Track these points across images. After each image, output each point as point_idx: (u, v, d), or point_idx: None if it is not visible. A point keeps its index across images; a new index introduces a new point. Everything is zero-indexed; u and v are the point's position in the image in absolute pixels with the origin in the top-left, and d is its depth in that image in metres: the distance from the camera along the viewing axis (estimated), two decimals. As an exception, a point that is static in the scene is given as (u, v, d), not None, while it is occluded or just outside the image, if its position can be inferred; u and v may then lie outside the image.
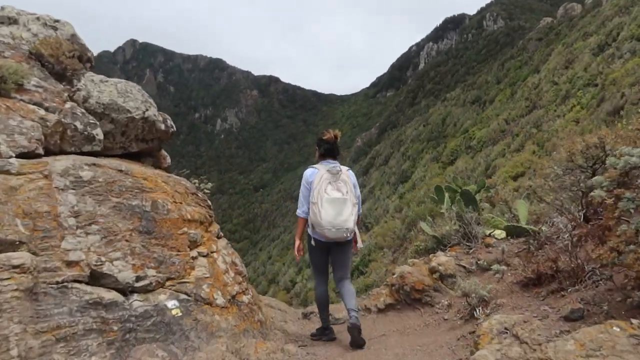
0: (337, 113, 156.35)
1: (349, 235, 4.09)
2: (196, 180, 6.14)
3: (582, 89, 25.00)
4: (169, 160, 5.24)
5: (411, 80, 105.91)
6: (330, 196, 4.02)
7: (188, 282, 3.53)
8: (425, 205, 25.62)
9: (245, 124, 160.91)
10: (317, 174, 4.14)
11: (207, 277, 3.69)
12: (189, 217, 3.85)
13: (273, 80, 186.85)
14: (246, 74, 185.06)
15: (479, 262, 5.10)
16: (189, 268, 3.60)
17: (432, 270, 5.14)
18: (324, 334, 4.51)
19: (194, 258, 3.71)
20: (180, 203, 3.87)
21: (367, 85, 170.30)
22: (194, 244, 3.79)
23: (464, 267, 5.18)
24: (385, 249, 25.52)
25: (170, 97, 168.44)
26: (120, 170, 3.62)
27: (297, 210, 4.30)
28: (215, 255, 4.00)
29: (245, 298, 4.06)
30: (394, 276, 5.32)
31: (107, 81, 4.36)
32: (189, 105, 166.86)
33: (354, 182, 4.26)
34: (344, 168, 4.29)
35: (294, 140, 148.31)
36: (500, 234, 5.65)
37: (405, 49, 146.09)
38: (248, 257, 74.81)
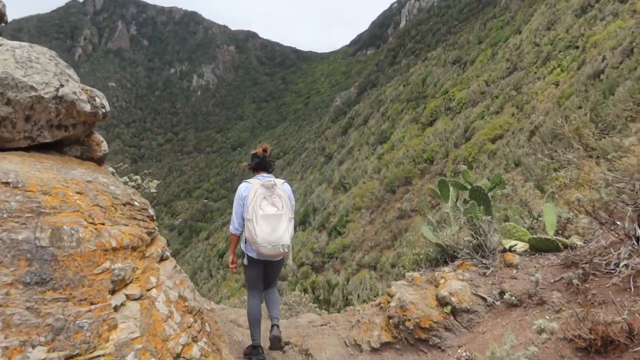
0: (317, 71, 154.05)
1: (285, 250, 3.92)
2: (137, 178, 5.31)
3: (563, 51, 24.85)
4: (104, 146, 3.90)
5: (392, 39, 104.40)
6: (265, 212, 3.87)
7: (103, 356, 2.23)
8: (404, 168, 25.66)
9: (222, 80, 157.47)
10: (251, 189, 3.98)
11: (137, 338, 2.45)
12: (115, 243, 2.62)
13: (251, 36, 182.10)
14: (223, 29, 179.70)
15: (503, 293, 3.94)
16: (107, 329, 2.32)
17: (442, 301, 4.10)
18: (253, 353, 4.24)
19: (117, 308, 2.48)
20: (102, 224, 2.65)
21: (348, 42, 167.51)
22: (120, 284, 2.57)
23: (484, 298, 4.03)
24: (363, 209, 25.63)
25: (144, 51, 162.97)
26: (6, 183, 2.36)
27: (230, 227, 4.14)
28: (153, 293, 2.78)
29: (195, 351, 2.86)
30: (392, 304, 4.35)
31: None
32: (164, 60, 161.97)
33: (289, 194, 4.09)
34: (279, 181, 4.10)
35: (273, 98, 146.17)
36: (522, 246, 4.59)
37: (387, 6, 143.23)
38: (226, 216, 74.75)
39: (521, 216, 5.36)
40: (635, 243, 3.32)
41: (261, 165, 4.23)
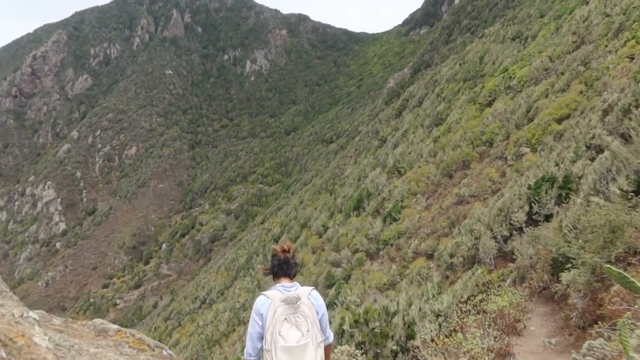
0: (369, 52, 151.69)
1: None
2: None
3: (638, 21, 22.83)
4: None
5: (446, 16, 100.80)
6: (287, 342, 3.15)
7: None
8: (461, 151, 24.64)
9: (274, 65, 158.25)
10: (270, 307, 3.27)
11: None
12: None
13: (302, 19, 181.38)
14: (274, 13, 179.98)
15: None
16: None
17: None
18: None
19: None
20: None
21: (400, 22, 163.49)
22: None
23: None
24: (418, 195, 24.91)
25: (198, 38, 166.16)
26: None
27: (245, 351, 3.42)
28: None
29: None
30: None
31: None
32: (218, 47, 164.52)
33: (318, 307, 3.36)
34: (305, 291, 3.38)
35: (325, 81, 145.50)
36: None
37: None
38: (280, 200, 75.52)
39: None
40: None
41: (282, 269, 3.50)
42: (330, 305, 20.51)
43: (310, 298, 3.35)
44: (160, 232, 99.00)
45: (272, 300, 3.28)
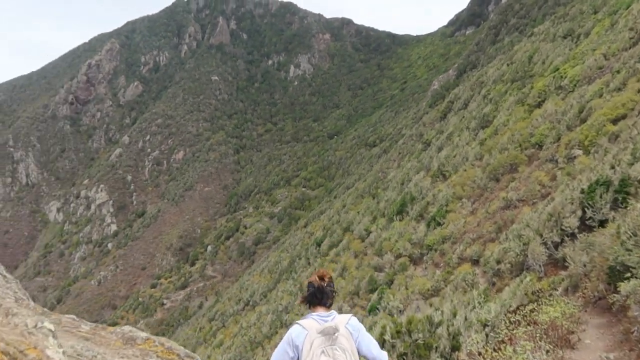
0: (413, 55, 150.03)
1: None
2: None
3: (702, 15, 21.45)
4: None
5: (493, 15, 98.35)
6: None
7: None
8: (508, 154, 23.85)
9: (318, 69, 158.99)
10: (306, 339, 3.04)
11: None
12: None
13: (345, 23, 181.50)
14: (318, 17, 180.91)
15: None
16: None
17: None
18: None
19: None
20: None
21: (445, 23, 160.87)
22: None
23: None
24: (463, 199, 24.26)
25: (243, 44, 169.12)
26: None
27: None
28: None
29: None
30: None
31: None
32: (262, 52, 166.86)
33: (356, 336, 3.13)
34: (342, 320, 3.15)
35: (368, 85, 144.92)
36: None
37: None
38: (323, 204, 75.60)
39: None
40: None
41: (316, 298, 3.30)
42: (372, 310, 20.22)
43: (349, 327, 3.14)
44: (206, 234, 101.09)
45: (308, 331, 3.09)
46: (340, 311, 23.47)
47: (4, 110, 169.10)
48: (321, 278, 3.35)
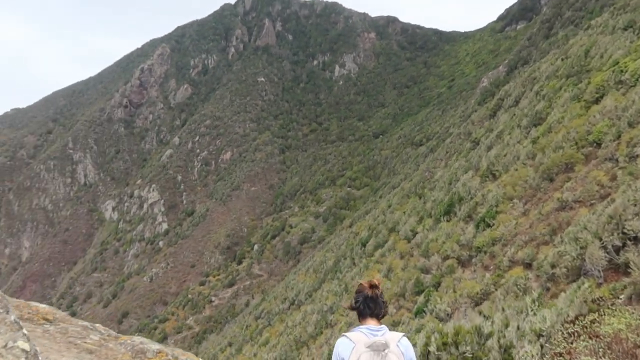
0: (461, 51, 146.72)
1: None
2: None
3: None
4: None
5: (546, 9, 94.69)
6: None
7: None
8: (563, 152, 22.77)
9: (363, 68, 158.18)
10: (353, 353, 2.81)
11: None
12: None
13: (391, 21, 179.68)
14: (363, 16, 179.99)
15: None
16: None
17: None
18: None
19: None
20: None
21: (494, 18, 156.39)
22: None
23: None
24: (515, 199, 23.37)
25: (288, 45, 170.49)
26: None
27: None
28: None
29: None
30: None
31: None
32: (307, 53, 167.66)
33: (409, 358, 2.89)
34: (394, 338, 2.90)
35: (414, 83, 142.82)
36: None
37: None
38: (368, 204, 75.11)
39: None
40: None
41: (369, 308, 3.04)
42: (418, 313, 19.79)
43: (400, 346, 2.89)
44: (253, 233, 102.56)
45: (355, 344, 2.87)
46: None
47: (64, 114, 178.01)
48: (374, 286, 3.08)
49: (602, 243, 11.32)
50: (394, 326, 22.29)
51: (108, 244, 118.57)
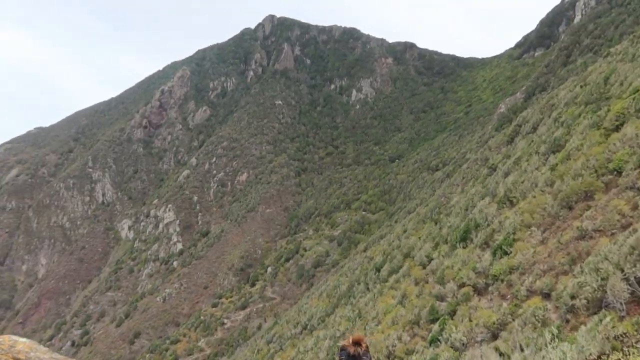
0: (478, 78, 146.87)
1: None
2: None
3: None
4: None
5: (564, 36, 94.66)
6: None
7: None
8: (583, 180, 22.37)
9: (380, 93, 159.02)
10: None
11: None
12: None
13: (408, 47, 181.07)
14: (380, 42, 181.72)
15: None
16: None
17: None
18: None
19: None
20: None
21: (512, 45, 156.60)
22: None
23: None
24: (533, 227, 22.94)
25: (306, 69, 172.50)
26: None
27: None
28: None
29: None
30: None
31: None
32: (325, 77, 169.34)
33: None
34: None
35: (431, 108, 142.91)
36: None
37: (557, 2, 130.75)
38: (383, 228, 74.56)
39: None
40: None
41: None
42: (433, 342, 19.34)
43: None
44: (267, 255, 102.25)
45: None
46: (399, 340, 22.38)
47: (85, 133, 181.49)
48: (356, 343, 2.91)
49: (624, 274, 10.98)
50: (407, 355, 21.79)
51: (123, 263, 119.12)
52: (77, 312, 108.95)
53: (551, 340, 6.88)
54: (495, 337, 15.33)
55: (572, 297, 12.74)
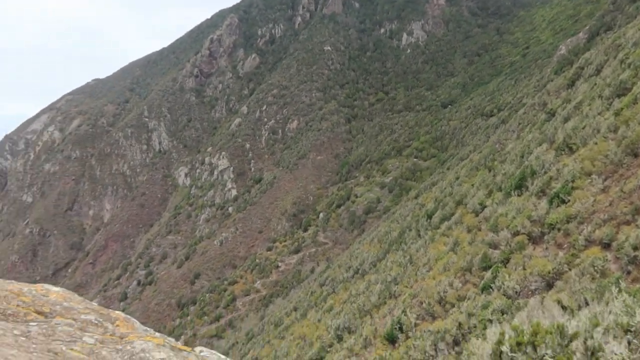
0: (537, 17, 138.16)
1: None
2: None
3: None
4: None
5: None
6: None
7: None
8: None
9: (431, 36, 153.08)
10: None
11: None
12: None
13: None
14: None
15: None
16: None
17: None
18: None
19: None
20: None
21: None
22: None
23: None
24: (593, 175, 22.37)
25: (355, 13, 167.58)
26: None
27: None
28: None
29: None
30: None
31: None
32: (374, 21, 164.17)
33: None
34: None
35: (486, 51, 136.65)
36: None
37: None
38: (435, 175, 74.06)
39: None
40: None
41: None
42: (485, 289, 19.77)
43: None
44: (318, 201, 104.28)
45: None
46: (451, 286, 23.01)
47: (140, 84, 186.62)
48: None
49: (689, 225, 10.85)
50: (459, 301, 22.39)
51: (181, 209, 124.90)
52: (141, 254, 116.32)
53: (618, 294, 6.85)
54: (550, 286, 15.52)
55: (635, 248, 12.71)
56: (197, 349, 4.54)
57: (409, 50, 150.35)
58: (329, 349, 30.49)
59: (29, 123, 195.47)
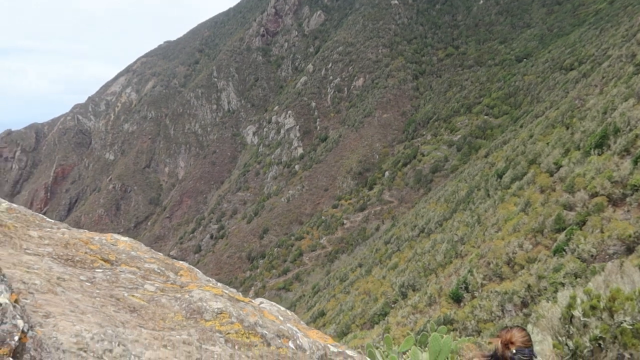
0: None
1: None
2: None
3: None
4: None
5: None
6: None
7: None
8: None
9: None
10: None
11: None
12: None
13: None
14: None
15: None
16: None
17: None
18: None
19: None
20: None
21: None
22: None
23: None
24: (685, 133, 20.69)
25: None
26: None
27: None
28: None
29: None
30: None
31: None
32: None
33: None
34: None
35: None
36: None
37: None
38: (507, 133, 71.08)
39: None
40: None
41: None
42: (557, 251, 19.18)
43: None
44: (384, 160, 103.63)
45: None
46: (521, 248, 22.48)
47: (209, 44, 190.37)
48: (507, 345, 2.58)
49: None
50: (528, 263, 21.88)
51: (250, 166, 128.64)
52: (213, 209, 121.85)
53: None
54: (630, 250, 14.80)
55: None
56: (257, 300, 4.66)
57: (481, 1, 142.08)
58: (393, 305, 31.05)
59: (108, 85, 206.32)
